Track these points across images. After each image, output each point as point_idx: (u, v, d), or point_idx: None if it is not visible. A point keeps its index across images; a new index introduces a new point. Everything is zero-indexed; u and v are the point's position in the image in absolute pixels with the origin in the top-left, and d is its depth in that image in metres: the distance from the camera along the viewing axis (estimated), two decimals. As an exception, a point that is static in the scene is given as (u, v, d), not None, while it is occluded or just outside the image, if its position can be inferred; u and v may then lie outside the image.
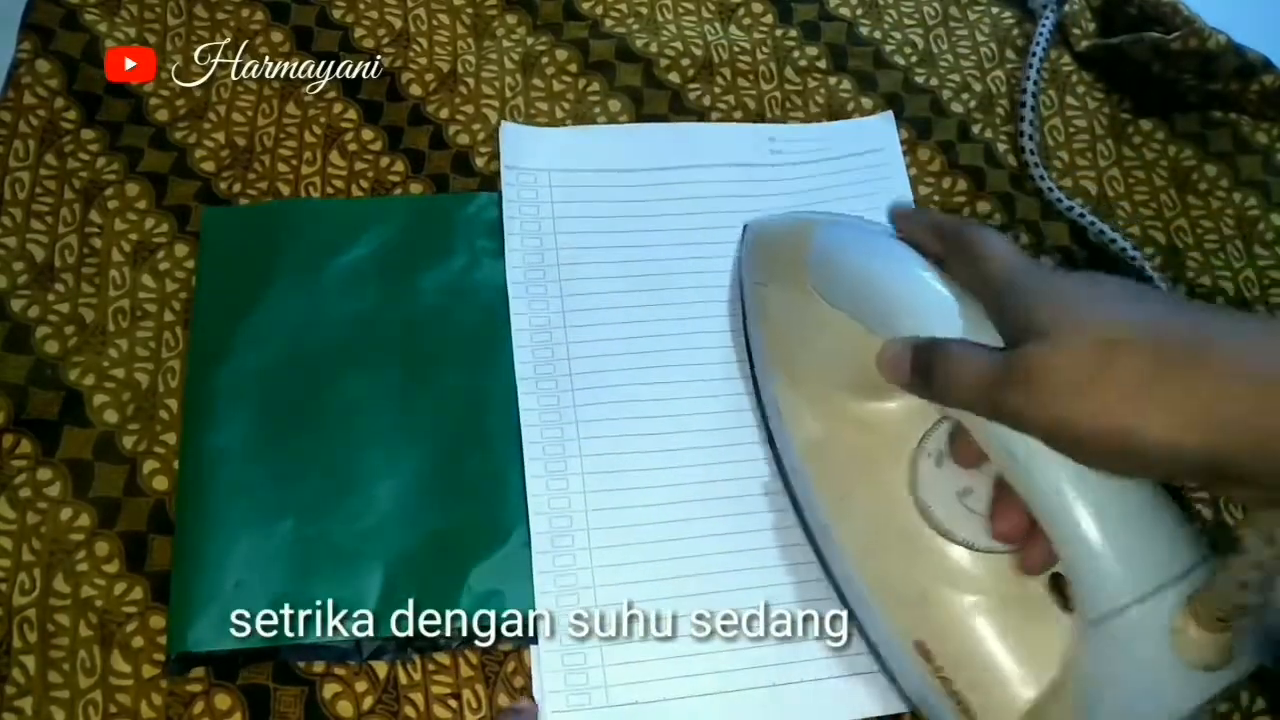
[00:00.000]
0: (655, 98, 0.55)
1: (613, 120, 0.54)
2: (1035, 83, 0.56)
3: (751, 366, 0.47)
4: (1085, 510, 0.31)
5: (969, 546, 0.38)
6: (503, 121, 0.53)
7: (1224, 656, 0.30)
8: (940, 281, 0.36)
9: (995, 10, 0.60)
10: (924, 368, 0.34)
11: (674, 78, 0.56)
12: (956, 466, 0.39)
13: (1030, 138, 0.54)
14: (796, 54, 0.57)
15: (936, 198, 0.54)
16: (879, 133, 0.55)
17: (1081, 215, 0.52)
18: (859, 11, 0.59)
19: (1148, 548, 0.30)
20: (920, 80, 0.57)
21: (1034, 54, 0.57)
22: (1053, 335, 0.30)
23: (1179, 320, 0.30)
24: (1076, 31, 0.58)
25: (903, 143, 0.55)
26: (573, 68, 0.56)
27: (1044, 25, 0.58)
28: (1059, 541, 0.32)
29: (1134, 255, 0.51)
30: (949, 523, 0.38)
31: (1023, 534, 0.36)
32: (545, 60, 0.56)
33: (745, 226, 0.49)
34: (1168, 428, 0.28)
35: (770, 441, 0.46)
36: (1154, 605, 0.30)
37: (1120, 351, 0.29)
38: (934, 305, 0.35)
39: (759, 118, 0.55)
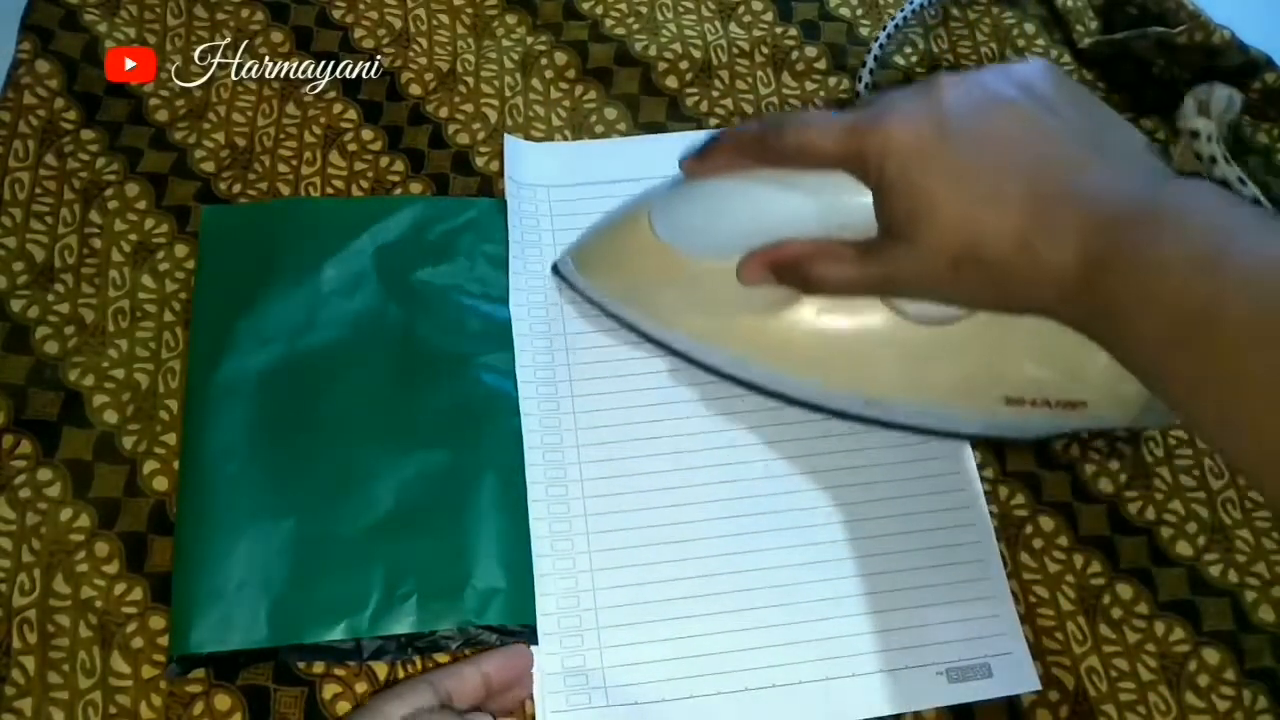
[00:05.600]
0: (652, 105, 0.55)
1: (610, 128, 0.54)
2: None
3: None
4: None
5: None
6: (506, 135, 0.53)
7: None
8: (773, 188, 0.40)
9: (996, 10, 0.60)
10: (793, 275, 0.41)
11: (671, 83, 0.56)
12: None
13: None
14: (795, 55, 0.57)
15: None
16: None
17: None
18: (859, 11, 0.59)
19: None
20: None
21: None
22: (914, 243, 0.37)
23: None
24: (1079, 29, 0.58)
25: (903, 143, 0.54)
26: (570, 74, 0.55)
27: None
28: None
29: None
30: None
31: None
32: (544, 63, 0.56)
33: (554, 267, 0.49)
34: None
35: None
36: None
37: (964, 267, 0.36)
38: (776, 216, 0.40)
39: (757, 121, 0.55)
